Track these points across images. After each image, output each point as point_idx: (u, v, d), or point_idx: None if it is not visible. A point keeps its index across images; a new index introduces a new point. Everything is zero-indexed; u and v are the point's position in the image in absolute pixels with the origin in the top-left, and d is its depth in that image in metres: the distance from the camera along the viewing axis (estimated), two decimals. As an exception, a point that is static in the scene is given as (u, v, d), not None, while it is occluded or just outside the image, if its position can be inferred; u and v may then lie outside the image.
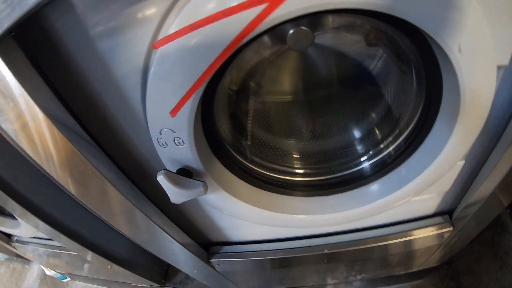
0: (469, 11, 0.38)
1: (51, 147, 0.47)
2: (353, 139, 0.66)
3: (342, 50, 0.63)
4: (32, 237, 1.16)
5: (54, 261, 1.28)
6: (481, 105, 0.48)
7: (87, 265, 1.24)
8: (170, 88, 0.39)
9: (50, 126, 0.43)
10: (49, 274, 1.46)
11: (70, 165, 0.49)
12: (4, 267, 1.73)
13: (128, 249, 1.13)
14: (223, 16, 0.32)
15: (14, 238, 1.22)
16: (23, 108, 0.42)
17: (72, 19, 0.37)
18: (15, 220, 1.11)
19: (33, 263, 1.66)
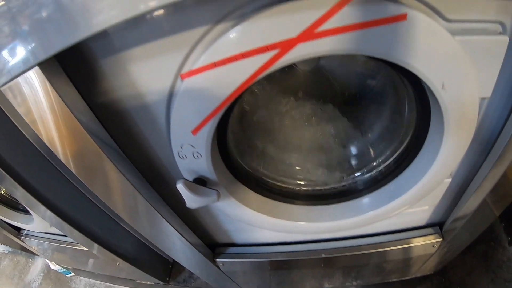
0: (453, 54, 0.44)
1: (84, 154, 0.53)
2: (349, 155, 0.72)
3: (344, 69, 0.69)
4: (42, 232, 1.22)
5: (61, 255, 1.34)
6: (463, 133, 0.54)
7: (92, 260, 1.28)
8: (194, 111, 0.46)
9: (85, 136, 0.49)
10: (54, 269, 1.49)
11: (99, 170, 0.55)
12: (8, 260, 1.75)
13: (136, 247, 1.19)
14: (242, 57, 0.39)
15: (24, 232, 1.28)
16: (61, 119, 0.49)
17: (108, 44, 0.44)
18: (28, 215, 1.17)
19: (37, 257, 1.69)
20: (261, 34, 0.38)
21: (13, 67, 0.41)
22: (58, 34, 0.38)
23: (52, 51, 0.39)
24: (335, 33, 0.38)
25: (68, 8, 0.36)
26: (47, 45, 0.39)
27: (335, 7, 0.37)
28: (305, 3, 0.37)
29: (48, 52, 0.39)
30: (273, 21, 0.38)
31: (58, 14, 0.36)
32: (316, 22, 0.37)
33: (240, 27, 0.38)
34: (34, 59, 0.40)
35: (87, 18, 0.36)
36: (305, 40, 0.38)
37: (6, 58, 0.41)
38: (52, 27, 0.37)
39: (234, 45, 0.39)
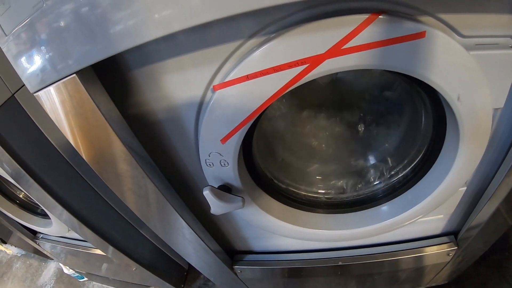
0: (468, 68, 0.47)
1: (114, 161, 0.56)
2: (368, 164, 0.75)
3: (362, 81, 0.72)
4: (59, 236, 1.26)
5: (75, 260, 1.35)
6: (478, 143, 0.56)
7: (106, 265, 1.29)
8: (224, 121, 0.49)
9: (118, 143, 0.52)
10: (67, 273, 1.49)
11: (127, 176, 0.58)
12: (21, 263, 1.76)
13: (152, 253, 1.21)
14: (274, 71, 0.42)
15: (40, 235, 1.30)
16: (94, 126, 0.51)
17: (142, 55, 0.47)
18: (46, 219, 1.20)
19: (50, 261, 1.69)
20: (292, 50, 0.41)
21: (51, 73, 0.44)
22: (97, 44, 0.41)
23: (91, 60, 0.42)
24: (360, 50, 0.41)
25: (109, 20, 0.39)
26: (86, 54, 0.41)
27: (360, 26, 0.40)
28: (332, 22, 0.40)
29: (87, 61, 0.43)
30: (303, 38, 0.41)
31: (99, 26, 0.39)
32: (343, 40, 0.40)
33: (272, 43, 0.41)
34: (73, 67, 0.43)
35: (126, 32, 0.39)
36: (332, 56, 0.41)
37: (45, 64, 0.44)
38: (93, 38, 0.40)
39: (266, 60, 0.42)
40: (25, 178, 0.82)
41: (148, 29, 0.38)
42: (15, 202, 1.25)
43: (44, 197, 0.86)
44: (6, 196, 1.23)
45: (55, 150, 0.85)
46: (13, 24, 0.43)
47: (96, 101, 0.48)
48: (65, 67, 0.44)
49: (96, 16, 0.39)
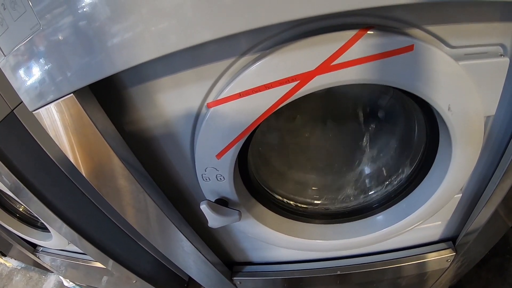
0: (457, 79, 0.48)
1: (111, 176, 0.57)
2: (363, 174, 0.75)
3: (356, 92, 0.73)
4: (59, 249, 1.26)
5: (75, 273, 1.34)
6: (471, 150, 0.57)
7: (106, 278, 1.29)
8: (218, 137, 0.50)
9: (115, 159, 0.53)
10: (67, 286, 1.49)
11: (125, 191, 0.59)
12: (21, 275, 1.76)
13: (152, 265, 1.21)
14: (265, 88, 0.43)
15: (40, 248, 1.30)
16: (92, 142, 0.52)
17: (137, 74, 0.48)
18: (46, 232, 1.20)
19: (50, 274, 1.68)
20: (282, 67, 0.42)
21: (49, 92, 0.45)
22: (96, 65, 0.42)
23: (89, 80, 0.44)
24: (349, 66, 0.42)
25: (106, 41, 0.40)
26: (84, 74, 0.43)
27: (348, 42, 0.41)
28: (321, 39, 0.41)
29: (85, 81, 0.44)
30: (292, 55, 0.42)
31: (95, 46, 0.40)
32: (332, 56, 0.41)
33: (263, 61, 0.42)
34: (71, 87, 0.44)
35: (124, 52, 0.40)
36: (322, 72, 0.42)
37: (43, 84, 0.45)
38: (91, 58, 0.41)
39: (258, 77, 0.43)
40: (24, 192, 0.83)
41: (144, 49, 0.39)
42: (15, 215, 1.25)
43: (44, 210, 0.86)
44: (6, 209, 1.23)
45: (54, 165, 0.85)
46: (11, 45, 0.45)
47: (93, 118, 0.49)
48: (62, 88, 0.45)
49: (92, 38, 0.40)
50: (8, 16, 0.43)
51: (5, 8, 0.43)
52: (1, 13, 0.43)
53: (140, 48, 0.39)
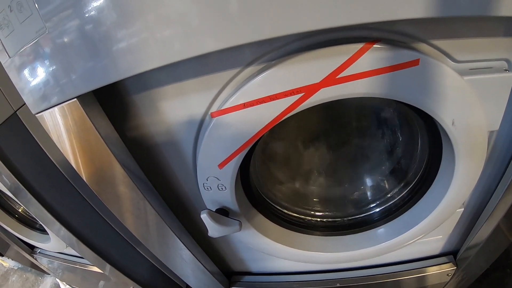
0: (461, 94, 0.48)
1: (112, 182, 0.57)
2: (365, 187, 0.75)
3: (360, 104, 0.73)
4: (57, 252, 1.26)
5: (72, 276, 1.34)
6: (474, 165, 0.56)
7: (103, 283, 1.28)
8: (221, 147, 0.50)
9: (116, 165, 0.53)
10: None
11: (125, 197, 0.58)
12: (17, 276, 1.75)
13: (150, 272, 1.20)
14: (270, 99, 0.43)
15: (37, 250, 1.30)
16: (94, 148, 0.52)
17: (142, 81, 0.48)
18: (45, 234, 1.20)
19: (46, 276, 1.67)
20: (287, 79, 0.42)
21: (52, 96, 0.46)
22: (100, 71, 0.42)
23: (93, 85, 0.44)
24: (354, 79, 0.42)
25: (112, 47, 0.40)
26: (89, 79, 0.43)
27: (354, 56, 0.41)
28: (327, 52, 0.41)
29: (89, 86, 0.44)
30: (298, 67, 0.42)
31: (103, 53, 0.40)
32: (337, 69, 0.41)
33: (268, 72, 0.42)
34: (75, 91, 0.45)
35: (129, 59, 0.40)
36: (327, 85, 0.42)
37: (47, 87, 0.45)
38: (96, 64, 0.41)
39: (262, 88, 0.43)
40: (24, 193, 0.82)
41: (149, 57, 0.39)
42: (14, 216, 1.25)
43: (43, 213, 0.86)
44: (5, 210, 1.23)
45: (55, 168, 0.85)
46: (17, 46, 0.45)
47: (96, 124, 0.49)
48: (66, 91, 0.45)
49: (98, 42, 0.40)
50: (14, 18, 0.43)
51: (11, 10, 0.43)
52: (8, 15, 0.43)
53: (145, 56, 0.39)
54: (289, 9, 0.34)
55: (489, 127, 0.53)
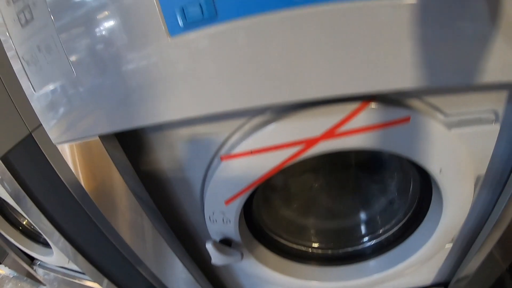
0: (449, 146, 0.52)
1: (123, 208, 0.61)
2: (359, 222, 0.79)
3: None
4: (58, 266, 1.29)
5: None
6: (461, 207, 0.60)
7: None
8: (228, 187, 0.54)
9: (129, 195, 0.57)
10: None
11: (135, 222, 0.62)
12: (12, 284, 1.75)
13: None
14: (275, 149, 0.48)
15: (37, 262, 1.33)
16: (108, 177, 0.56)
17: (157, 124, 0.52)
18: (47, 248, 1.23)
19: (42, 286, 1.70)
20: (291, 131, 0.47)
21: (75, 132, 0.50)
22: (125, 116, 0.46)
23: (117, 128, 0.48)
24: (351, 134, 0.47)
25: (139, 100, 0.44)
26: (114, 122, 0.47)
27: (351, 113, 0.46)
28: (327, 109, 0.46)
29: (113, 129, 0.48)
30: (301, 122, 0.47)
31: (130, 101, 0.44)
32: (336, 125, 0.46)
33: (274, 125, 0.47)
34: (98, 131, 0.49)
35: (154, 109, 0.44)
36: (326, 139, 0.47)
37: (70, 123, 0.49)
38: (122, 109, 0.45)
39: (269, 139, 0.48)
40: (34, 211, 0.86)
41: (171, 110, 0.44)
42: (18, 228, 1.27)
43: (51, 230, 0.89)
44: (9, 221, 1.26)
45: (65, 188, 0.89)
46: (43, 83, 0.48)
47: (114, 160, 0.53)
48: (89, 130, 0.49)
49: (126, 92, 0.44)
50: (42, 58, 0.46)
51: (40, 51, 0.46)
52: (36, 54, 0.46)
53: (167, 108, 0.44)
54: (299, 81, 0.39)
55: (476, 172, 0.57)
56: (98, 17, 0.40)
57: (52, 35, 0.44)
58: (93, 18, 0.40)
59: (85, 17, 0.41)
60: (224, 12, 0.36)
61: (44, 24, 0.44)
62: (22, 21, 0.45)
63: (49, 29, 0.44)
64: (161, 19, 0.37)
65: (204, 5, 0.35)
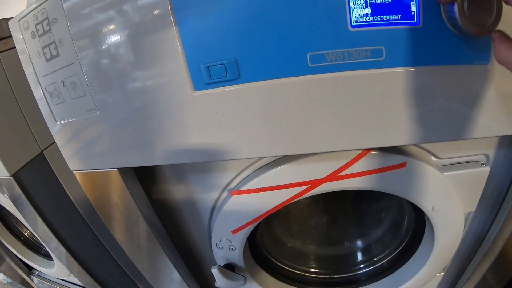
0: (441, 187, 0.57)
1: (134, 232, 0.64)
2: (356, 249, 0.83)
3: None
4: (58, 278, 1.30)
5: None
6: (452, 241, 0.64)
7: None
8: (236, 218, 0.58)
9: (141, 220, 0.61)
10: None
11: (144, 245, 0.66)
12: None
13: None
14: (282, 188, 0.52)
15: (35, 272, 1.35)
16: (122, 204, 0.60)
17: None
18: (49, 260, 1.25)
19: None
20: (298, 173, 0.51)
21: (94, 162, 0.53)
22: (145, 154, 0.49)
23: (136, 164, 0.51)
24: (352, 177, 0.51)
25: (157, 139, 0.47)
26: (133, 158, 0.50)
27: (352, 160, 0.50)
28: (331, 155, 0.50)
29: (132, 164, 0.52)
30: (307, 165, 0.51)
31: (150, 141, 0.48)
32: (338, 169, 0.50)
33: (282, 167, 0.51)
34: (116, 164, 0.53)
35: (171, 151, 0.48)
36: (329, 181, 0.51)
37: (89, 154, 0.52)
38: (141, 148, 0.49)
39: (277, 179, 0.52)
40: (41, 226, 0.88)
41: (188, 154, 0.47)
42: (20, 238, 1.29)
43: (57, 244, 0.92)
44: (11, 231, 1.28)
45: (73, 206, 0.92)
46: (65, 116, 0.51)
47: (130, 189, 0.57)
48: (108, 162, 0.53)
49: (146, 131, 0.47)
50: (66, 93, 0.48)
51: (64, 85, 0.48)
52: (59, 88, 0.49)
53: (187, 152, 0.47)
54: (309, 137, 0.43)
55: (466, 209, 0.61)
56: (126, 67, 0.43)
57: (78, 74, 0.47)
58: (120, 67, 0.43)
59: (113, 66, 0.44)
60: (246, 75, 0.40)
61: (70, 63, 0.46)
62: (47, 56, 0.48)
63: (75, 68, 0.46)
64: (187, 75, 0.41)
65: (229, 67, 0.40)
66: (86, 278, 1.03)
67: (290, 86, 0.40)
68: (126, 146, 0.49)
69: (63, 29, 0.44)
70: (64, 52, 0.45)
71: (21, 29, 0.48)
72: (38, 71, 0.49)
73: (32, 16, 0.46)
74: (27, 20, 0.47)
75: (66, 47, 0.45)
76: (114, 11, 0.41)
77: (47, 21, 0.45)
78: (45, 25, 0.45)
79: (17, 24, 0.48)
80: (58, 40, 0.45)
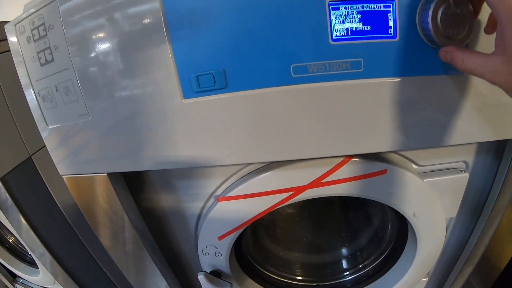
0: (422, 193, 0.58)
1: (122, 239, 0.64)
2: (341, 257, 0.85)
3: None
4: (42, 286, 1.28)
5: None
6: (434, 246, 0.66)
7: None
8: (222, 224, 0.59)
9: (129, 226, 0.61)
10: None
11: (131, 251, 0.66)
12: None
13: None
14: (266, 194, 0.53)
15: (20, 280, 1.31)
16: (111, 210, 0.60)
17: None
18: (33, 268, 1.23)
19: None
20: (282, 180, 0.53)
21: (83, 167, 0.53)
22: (135, 160, 0.50)
23: (125, 169, 0.52)
24: (334, 183, 0.53)
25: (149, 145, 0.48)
26: (122, 163, 0.51)
27: (335, 167, 0.52)
28: (314, 162, 0.52)
29: (122, 169, 0.52)
30: (291, 172, 0.52)
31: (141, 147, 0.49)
32: (321, 176, 0.52)
33: (267, 174, 0.53)
34: (106, 169, 0.53)
35: (161, 156, 0.49)
36: (313, 187, 0.53)
37: (80, 159, 0.52)
38: (132, 154, 0.49)
39: (261, 186, 0.53)
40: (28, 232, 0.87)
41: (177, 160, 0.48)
42: (4, 245, 1.27)
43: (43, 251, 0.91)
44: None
45: (60, 212, 0.92)
46: (57, 120, 0.51)
47: (119, 195, 0.58)
48: (98, 167, 0.53)
49: (137, 136, 0.48)
50: (59, 97, 0.49)
51: (57, 90, 0.48)
52: (53, 93, 0.49)
53: (176, 157, 0.48)
54: (293, 143, 0.45)
55: (447, 215, 0.62)
56: (119, 74, 0.45)
57: (72, 79, 0.47)
58: (114, 74, 0.45)
59: (107, 73, 0.45)
60: (233, 84, 0.42)
61: (64, 68, 0.47)
62: (41, 61, 0.49)
63: (69, 73, 0.47)
64: (178, 84, 0.43)
65: (217, 77, 0.41)
66: (71, 286, 1.02)
67: (274, 95, 0.42)
68: (117, 151, 0.50)
69: (59, 35, 0.45)
70: (59, 58, 0.47)
71: (17, 33, 0.49)
72: (32, 75, 0.50)
73: (29, 21, 0.48)
74: (24, 25, 0.48)
75: (61, 52, 0.46)
76: (110, 22, 0.42)
77: (43, 26, 0.46)
78: (41, 31, 0.47)
79: (13, 28, 0.49)
80: (53, 45, 0.46)
